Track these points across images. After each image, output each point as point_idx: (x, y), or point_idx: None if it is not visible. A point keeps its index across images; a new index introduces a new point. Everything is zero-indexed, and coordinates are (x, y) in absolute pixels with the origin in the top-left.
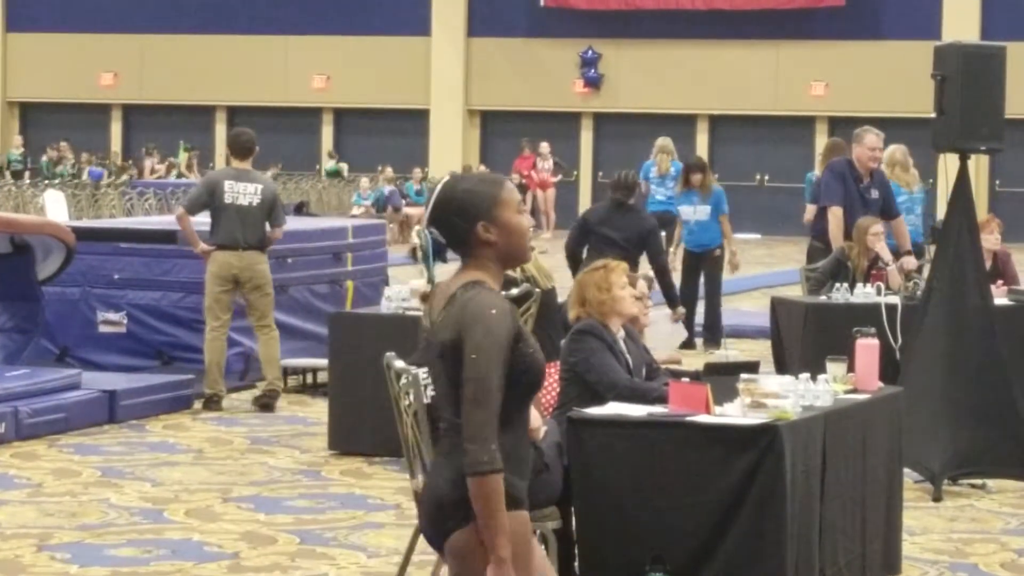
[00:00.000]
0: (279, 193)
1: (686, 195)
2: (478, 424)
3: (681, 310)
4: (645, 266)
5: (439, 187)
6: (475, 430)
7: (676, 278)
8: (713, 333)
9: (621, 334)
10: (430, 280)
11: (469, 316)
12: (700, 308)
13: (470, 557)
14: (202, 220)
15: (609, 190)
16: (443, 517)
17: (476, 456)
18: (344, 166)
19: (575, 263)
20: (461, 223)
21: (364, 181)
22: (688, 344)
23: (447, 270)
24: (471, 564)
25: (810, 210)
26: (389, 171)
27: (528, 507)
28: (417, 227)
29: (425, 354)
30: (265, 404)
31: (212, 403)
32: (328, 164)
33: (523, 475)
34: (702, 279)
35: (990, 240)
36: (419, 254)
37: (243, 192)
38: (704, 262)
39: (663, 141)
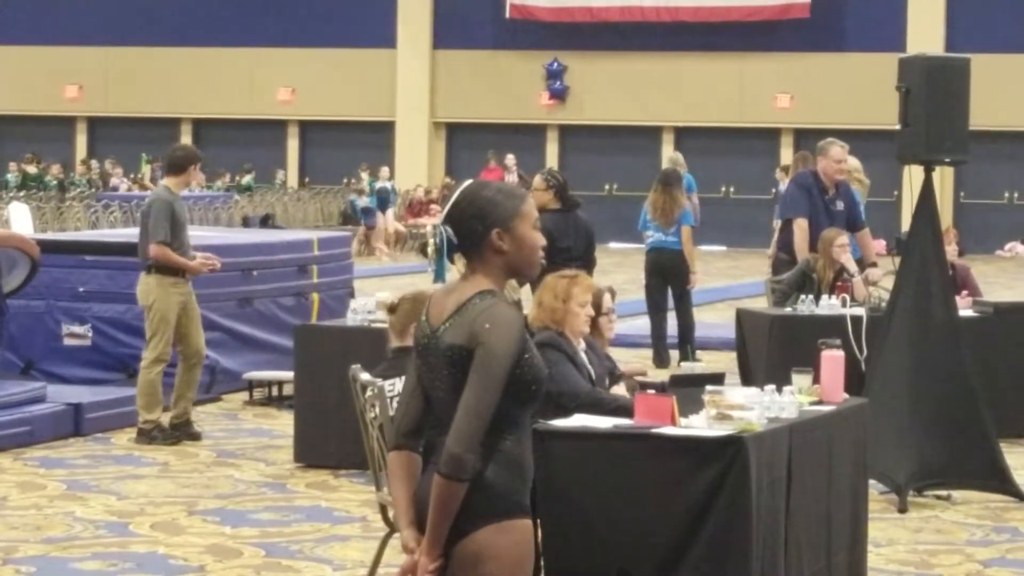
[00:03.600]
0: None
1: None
2: (471, 432)
3: None
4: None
5: (461, 189)
6: (466, 437)
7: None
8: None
9: (582, 345)
10: (439, 278)
11: (486, 326)
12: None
13: (491, 552)
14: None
15: (554, 197)
16: (468, 518)
17: (463, 462)
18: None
19: None
20: (478, 227)
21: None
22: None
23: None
24: (499, 560)
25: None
26: (385, 171)
27: (531, 515)
28: (431, 225)
29: (401, 361)
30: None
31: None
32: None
33: (527, 483)
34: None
35: (947, 251)
36: (430, 251)
37: None
38: None
39: (676, 155)
